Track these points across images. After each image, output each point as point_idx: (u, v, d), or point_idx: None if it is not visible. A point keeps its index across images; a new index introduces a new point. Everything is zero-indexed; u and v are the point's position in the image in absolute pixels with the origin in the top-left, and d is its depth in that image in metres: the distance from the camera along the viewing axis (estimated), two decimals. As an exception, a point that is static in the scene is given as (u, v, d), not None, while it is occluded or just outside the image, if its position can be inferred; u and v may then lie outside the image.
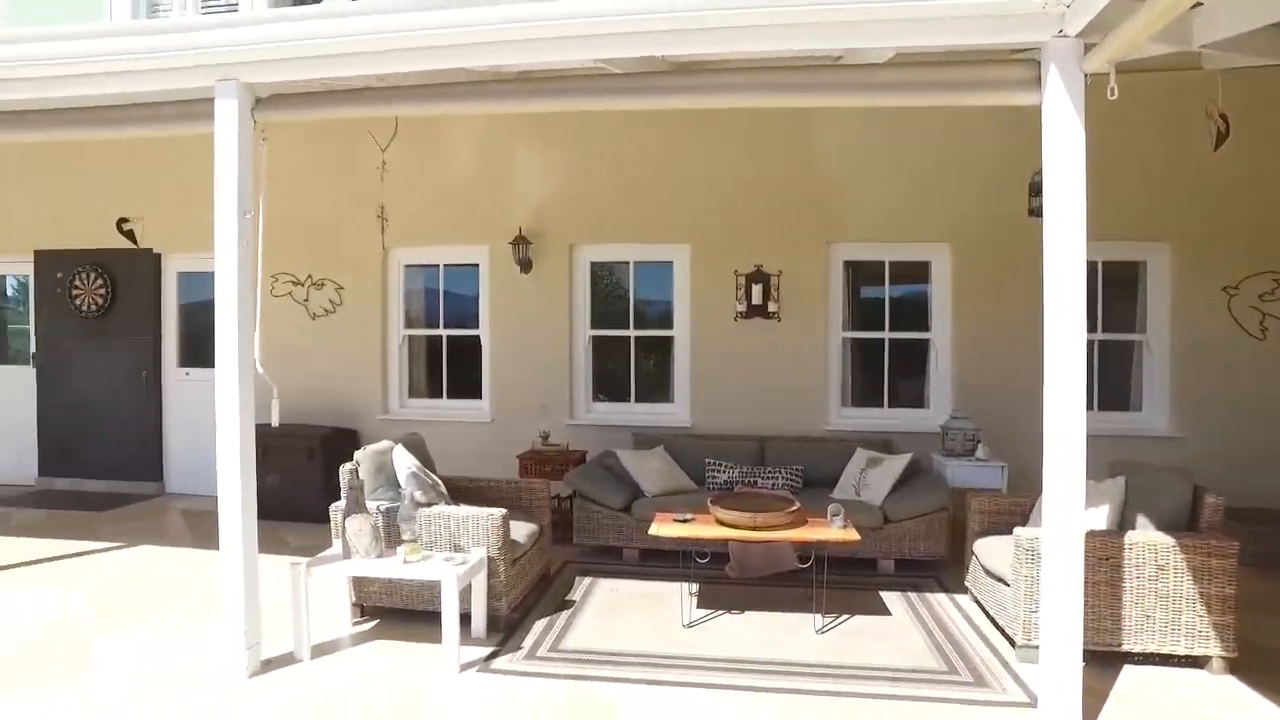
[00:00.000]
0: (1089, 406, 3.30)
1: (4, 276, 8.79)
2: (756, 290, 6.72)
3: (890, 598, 4.96)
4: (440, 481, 4.80)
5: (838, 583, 4.84)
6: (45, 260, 8.16)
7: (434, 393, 7.49)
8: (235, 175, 3.80)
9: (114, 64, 3.86)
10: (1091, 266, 3.24)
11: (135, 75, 3.90)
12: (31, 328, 8.39)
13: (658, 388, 7.18)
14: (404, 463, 4.66)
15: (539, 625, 4.50)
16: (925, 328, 6.80)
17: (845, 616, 4.62)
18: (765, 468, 6.11)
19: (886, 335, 6.86)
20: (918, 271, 6.85)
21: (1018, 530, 4.04)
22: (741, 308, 6.74)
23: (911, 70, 3.84)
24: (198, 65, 3.80)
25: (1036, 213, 5.62)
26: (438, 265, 7.39)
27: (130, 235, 7.83)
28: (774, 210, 6.70)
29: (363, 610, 4.57)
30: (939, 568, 5.45)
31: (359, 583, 4.48)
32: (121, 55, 3.83)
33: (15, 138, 4.92)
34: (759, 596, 4.89)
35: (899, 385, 6.92)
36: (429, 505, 4.44)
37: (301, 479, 6.72)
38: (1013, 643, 4.08)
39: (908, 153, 6.57)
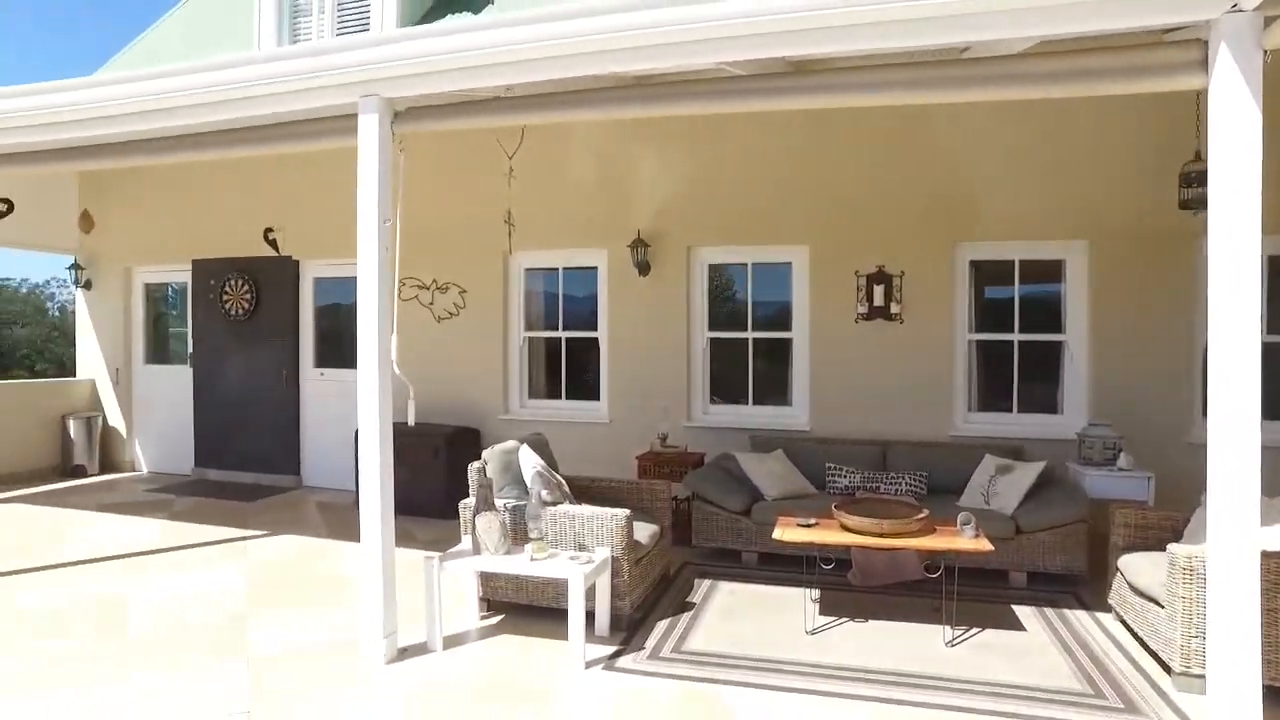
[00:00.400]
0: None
1: (166, 284, 9.58)
2: (878, 291, 6.55)
3: (1024, 612, 4.72)
4: (564, 481, 4.89)
5: (967, 594, 4.65)
6: (200, 268, 8.85)
7: (553, 394, 7.65)
8: (376, 185, 4.00)
9: (271, 86, 4.14)
10: (1256, 262, 2.95)
11: (290, 95, 4.18)
12: (189, 330, 9.12)
13: (775, 390, 7.09)
14: (530, 462, 4.78)
15: (661, 626, 4.53)
16: (1058, 329, 6.44)
17: (976, 630, 4.43)
18: (887, 473, 5.94)
19: (1016, 337, 6.54)
20: (1050, 270, 6.50)
21: (1173, 547, 3.76)
22: (863, 309, 6.57)
23: (1052, 60, 3.61)
24: (343, 84, 4.02)
25: (1190, 205, 5.24)
26: (557, 269, 7.55)
27: (274, 244, 8.38)
28: (897, 210, 6.51)
29: (489, 605, 4.71)
30: (1077, 583, 5.15)
31: (486, 578, 4.63)
32: (277, 78, 4.10)
33: (186, 158, 5.32)
34: (883, 605, 4.76)
35: (1029, 389, 6.59)
36: (554, 504, 4.54)
37: (427, 476, 7.01)
38: (1168, 669, 3.81)
39: (1041, 146, 6.24)
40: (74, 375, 9.92)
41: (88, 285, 9.60)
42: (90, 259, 9.57)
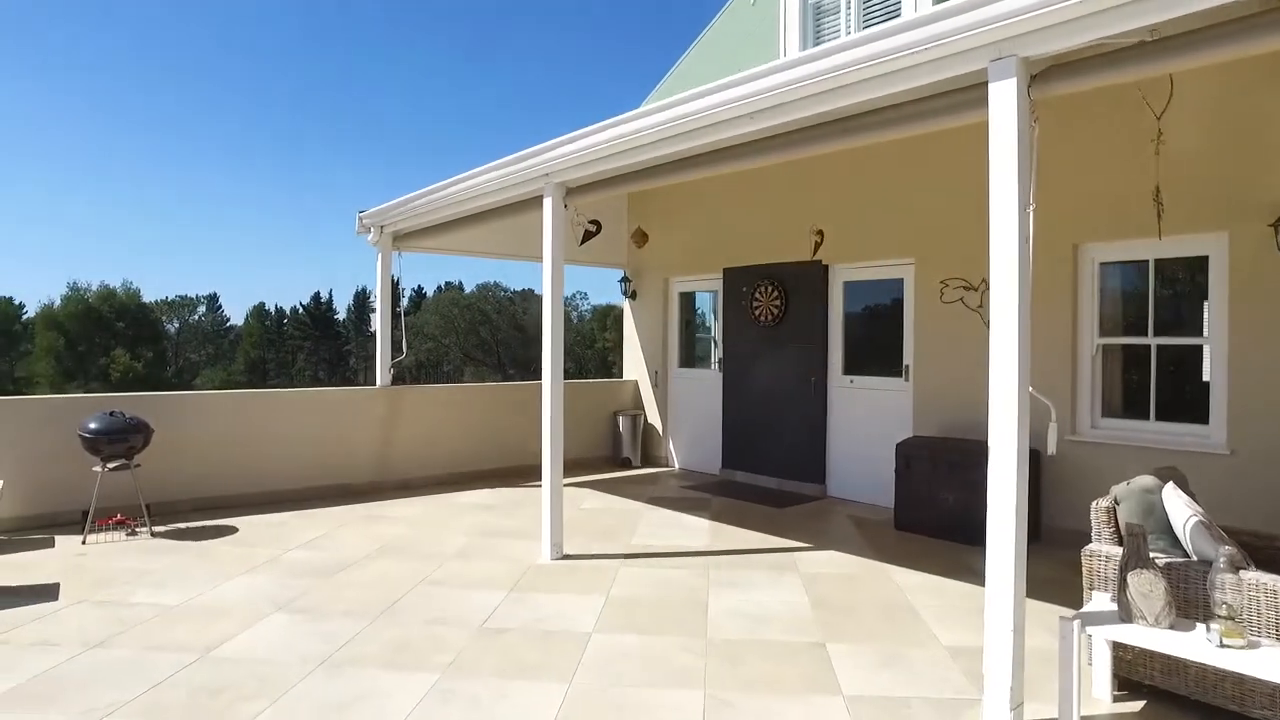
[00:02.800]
0: None
1: (694, 293, 10.30)
2: None
3: None
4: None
5: None
6: (731, 276, 9.25)
7: (1132, 412, 6.20)
8: (1015, 164, 3.33)
9: (881, 66, 3.74)
10: None
11: (900, 74, 3.74)
12: (717, 336, 9.62)
13: None
14: (1180, 507, 3.68)
15: None
16: None
17: None
18: None
19: None
20: None
21: None
22: None
23: None
24: (969, 49, 3.43)
25: None
26: (1146, 260, 6.08)
27: (816, 245, 8.20)
28: None
29: (1119, 681, 3.74)
30: None
31: (1117, 647, 3.67)
32: (891, 54, 3.67)
33: (773, 159, 5.26)
34: None
35: None
36: (1237, 569, 3.39)
37: (977, 499, 6.16)
38: None
39: None
40: (610, 376, 11.23)
41: (633, 295, 10.76)
42: (636, 272, 10.73)
